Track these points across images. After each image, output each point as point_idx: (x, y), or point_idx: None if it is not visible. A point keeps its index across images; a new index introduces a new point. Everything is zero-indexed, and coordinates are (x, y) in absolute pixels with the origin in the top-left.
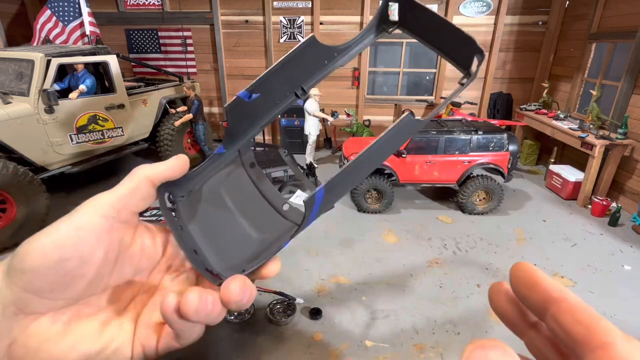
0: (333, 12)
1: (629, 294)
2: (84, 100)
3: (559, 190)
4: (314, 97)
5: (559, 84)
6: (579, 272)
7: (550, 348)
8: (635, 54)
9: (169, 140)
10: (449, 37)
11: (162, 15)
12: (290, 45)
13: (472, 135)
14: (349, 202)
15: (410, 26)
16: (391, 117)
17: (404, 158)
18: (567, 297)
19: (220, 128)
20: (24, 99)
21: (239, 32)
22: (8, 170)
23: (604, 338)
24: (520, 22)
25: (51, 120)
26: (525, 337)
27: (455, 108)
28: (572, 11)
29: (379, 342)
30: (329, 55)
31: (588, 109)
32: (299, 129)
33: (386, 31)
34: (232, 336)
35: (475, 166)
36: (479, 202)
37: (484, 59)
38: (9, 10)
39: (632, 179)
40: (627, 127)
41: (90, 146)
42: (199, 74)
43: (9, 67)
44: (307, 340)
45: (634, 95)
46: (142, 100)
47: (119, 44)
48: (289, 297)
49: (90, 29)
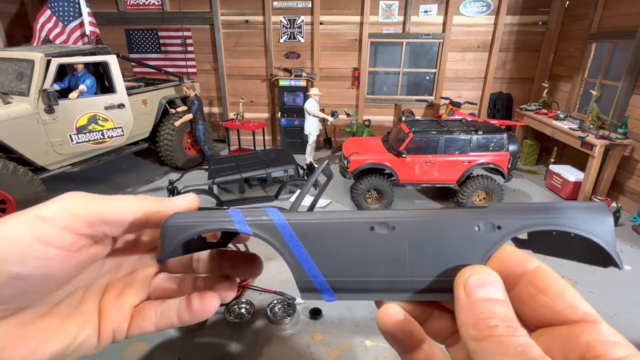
0: (333, 12)
1: (629, 294)
2: (84, 100)
3: (559, 190)
4: (314, 97)
5: (559, 84)
6: (579, 272)
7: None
8: (635, 54)
9: (169, 140)
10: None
11: (162, 15)
12: (290, 45)
13: (472, 135)
14: (348, 202)
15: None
16: (391, 117)
17: (404, 158)
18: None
19: (220, 128)
20: (24, 99)
21: (239, 32)
22: (8, 170)
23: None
24: (520, 22)
25: (51, 120)
26: (414, 356)
27: (455, 108)
28: (572, 11)
29: (379, 342)
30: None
31: (588, 109)
32: (299, 129)
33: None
34: (232, 336)
35: (475, 166)
36: (479, 202)
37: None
38: (9, 10)
39: (632, 179)
40: (627, 127)
41: (90, 146)
42: (199, 74)
43: (9, 67)
44: (307, 340)
45: (634, 95)
46: (142, 100)
47: (119, 44)
48: (289, 297)
49: (90, 29)
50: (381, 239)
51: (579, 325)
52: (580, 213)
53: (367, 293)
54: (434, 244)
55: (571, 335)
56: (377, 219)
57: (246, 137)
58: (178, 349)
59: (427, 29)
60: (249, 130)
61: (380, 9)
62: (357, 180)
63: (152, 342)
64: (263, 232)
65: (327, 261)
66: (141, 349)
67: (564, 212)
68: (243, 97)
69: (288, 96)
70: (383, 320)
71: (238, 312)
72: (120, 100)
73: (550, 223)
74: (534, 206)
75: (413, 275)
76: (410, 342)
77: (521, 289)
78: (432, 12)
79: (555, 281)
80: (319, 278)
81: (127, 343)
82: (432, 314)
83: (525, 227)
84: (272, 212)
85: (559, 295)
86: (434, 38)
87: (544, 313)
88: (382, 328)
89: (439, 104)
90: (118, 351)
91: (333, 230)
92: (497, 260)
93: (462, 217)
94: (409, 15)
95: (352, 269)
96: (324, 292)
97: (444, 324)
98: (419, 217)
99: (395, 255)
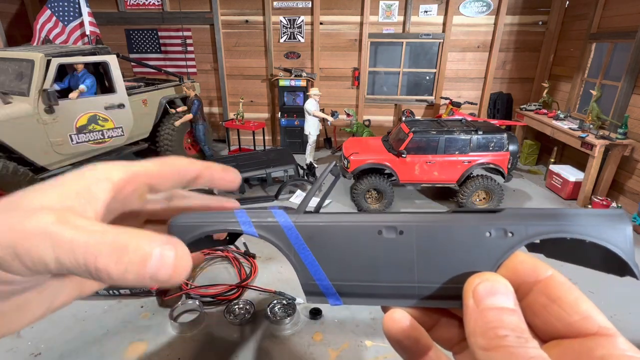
0: (333, 12)
1: (629, 294)
2: (84, 100)
3: (559, 190)
4: (314, 97)
5: (559, 84)
6: (579, 272)
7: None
8: (635, 54)
9: (169, 140)
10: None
11: (162, 15)
12: (290, 45)
13: (472, 135)
14: (348, 202)
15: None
16: (391, 117)
17: (404, 158)
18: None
19: (221, 128)
20: (24, 99)
21: (239, 32)
22: (8, 170)
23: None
24: (520, 22)
25: (51, 120)
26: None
27: (455, 108)
28: (572, 11)
29: (379, 342)
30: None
31: (588, 109)
32: (299, 129)
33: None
34: (232, 336)
35: (475, 166)
36: (479, 202)
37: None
38: (9, 10)
39: (632, 179)
40: (627, 127)
41: (90, 146)
42: (199, 74)
43: (9, 67)
44: (307, 340)
45: (634, 95)
46: (142, 100)
47: (119, 44)
48: (289, 297)
49: (90, 29)
50: (389, 244)
51: (593, 339)
52: (597, 220)
53: (374, 298)
54: (443, 250)
55: (585, 348)
56: (385, 222)
57: (246, 137)
58: (178, 349)
59: (427, 29)
60: (249, 130)
61: (380, 9)
62: (357, 180)
63: (152, 342)
64: (269, 233)
65: (334, 264)
66: (141, 349)
67: (580, 219)
68: (243, 97)
69: (288, 96)
70: (389, 326)
71: (238, 312)
72: (120, 100)
73: (565, 230)
74: (548, 212)
75: (421, 281)
76: (417, 349)
77: (533, 299)
78: (432, 12)
79: (569, 291)
80: (324, 281)
81: (128, 343)
82: (439, 320)
83: (538, 234)
84: (278, 213)
85: (573, 306)
86: (434, 38)
87: (556, 324)
88: (388, 334)
89: (439, 104)
90: (118, 351)
91: (340, 233)
92: (509, 268)
93: (473, 223)
94: (409, 15)
95: (358, 273)
96: (330, 296)
97: (451, 331)
98: (429, 222)
99: (403, 260)
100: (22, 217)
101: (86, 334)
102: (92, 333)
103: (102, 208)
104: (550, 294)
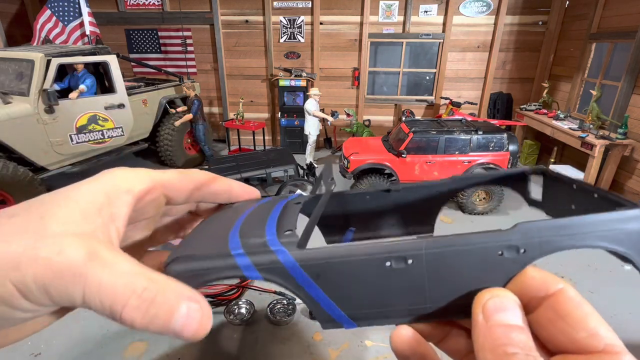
0: (333, 12)
1: (629, 294)
2: (84, 100)
3: None
4: (314, 97)
5: (559, 84)
6: (579, 272)
7: None
8: (635, 54)
9: (169, 140)
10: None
11: (162, 15)
12: (290, 45)
13: (472, 135)
14: None
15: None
16: (391, 117)
17: (404, 158)
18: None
19: (221, 128)
20: (24, 99)
21: (239, 32)
22: (8, 170)
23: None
24: (520, 22)
25: (51, 120)
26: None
27: (455, 108)
28: (572, 11)
29: (379, 342)
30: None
31: (588, 109)
32: (299, 129)
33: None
34: (232, 336)
35: (475, 166)
36: (479, 202)
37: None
38: (9, 10)
39: (632, 179)
40: (627, 127)
41: (90, 146)
42: (199, 74)
43: (9, 67)
44: (307, 340)
45: (634, 95)
46: (142, 100)
47: (119, 44)
48: (289, 297)
49: (90, 29)
50: (399, 274)
51: (599, 356)
52: (616, 224)
53: (386, 319)
54: (454, 273)
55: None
56: (394, 253)
57: (246, 137)
58: (178, 349)
59: (427, 29)
60: (249, 130)
61: (380, 9)
62: (357, 180)
63: (152, 342)
64: (273, 276)
65: (345, 298)
66: (141, 349)
67: (597, 225)
68: (243, 97)
69: (288, 96)
70: (397, 343)
71: (238, 312)
72: (120, 100)
73: (582, 244)
74: (563, 223)
75: (432, 302)
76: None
77: (541, 313)
78: (432, 12)
79: (578, 307)
80: (337, 312)
81: (128, 343)
82: (449, 332)
83: (553, 250)
84: (280, 252)
85: (580, 323)
86: (434, 38)
87: (562, 340)
88: (396, 350)
89: (439, 104)
90: (118, 351)
91: (348, 269)
92: (518, 284)
93: (484, 244)
94: (409, 15)
95: (370, 303)
96: (345, 322)
97: (460, 342)
98: (438, 248)
99: (413, 286)
100: (47, 245)
101: (86, 333)
102: (92, 333)
103: (124, 226)
104: (558, 309)
